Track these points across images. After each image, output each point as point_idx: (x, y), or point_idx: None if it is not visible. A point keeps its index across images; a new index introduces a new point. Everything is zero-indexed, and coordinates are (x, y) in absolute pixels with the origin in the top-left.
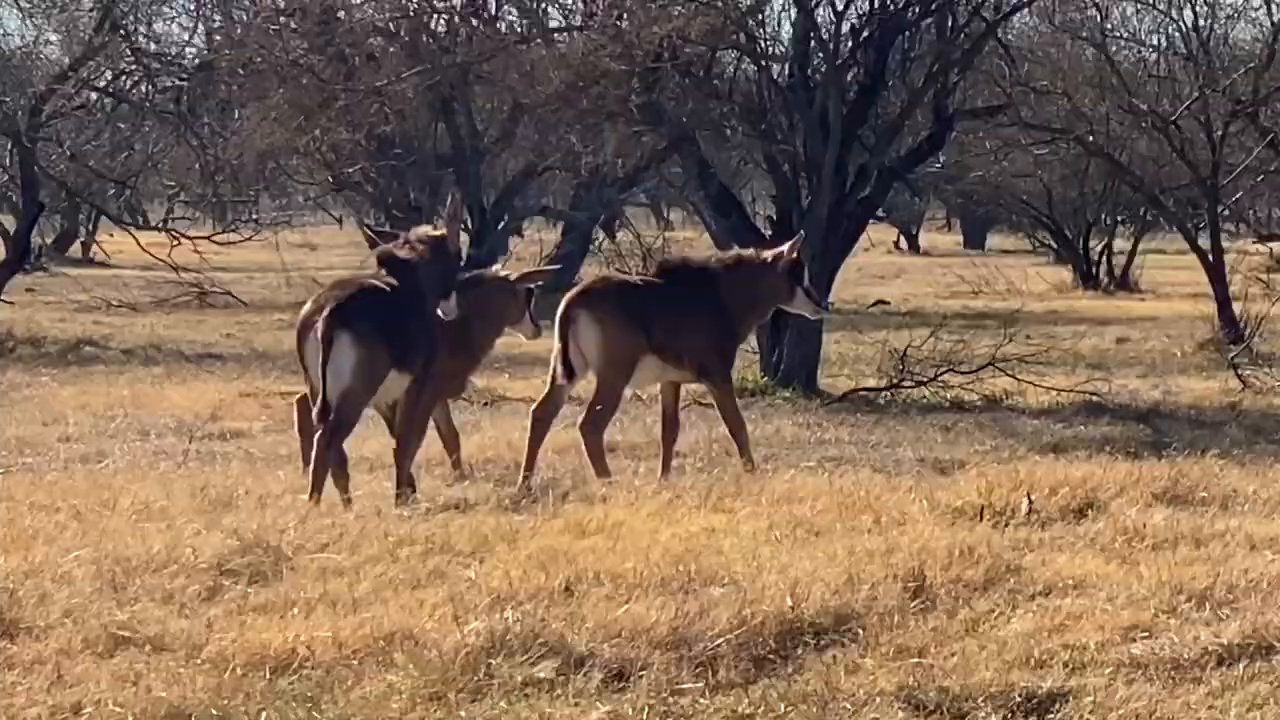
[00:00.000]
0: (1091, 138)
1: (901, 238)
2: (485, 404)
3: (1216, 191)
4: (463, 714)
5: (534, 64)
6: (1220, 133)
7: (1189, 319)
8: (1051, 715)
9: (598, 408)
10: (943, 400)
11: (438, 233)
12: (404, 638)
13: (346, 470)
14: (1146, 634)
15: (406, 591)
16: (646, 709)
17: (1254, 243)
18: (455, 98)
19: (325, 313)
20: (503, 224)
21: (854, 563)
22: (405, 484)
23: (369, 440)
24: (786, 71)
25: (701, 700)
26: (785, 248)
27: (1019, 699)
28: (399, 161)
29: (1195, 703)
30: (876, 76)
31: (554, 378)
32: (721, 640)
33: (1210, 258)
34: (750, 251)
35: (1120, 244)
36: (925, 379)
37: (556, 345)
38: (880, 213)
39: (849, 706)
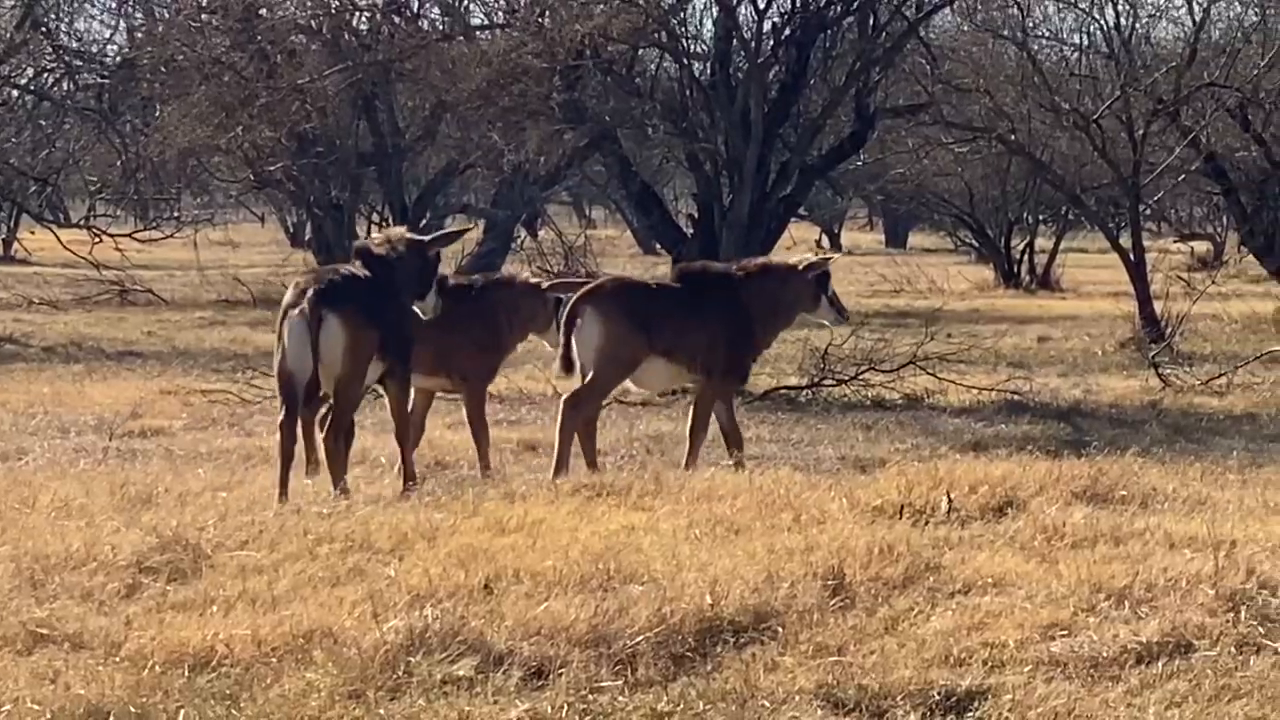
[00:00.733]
0: (1013, 136)
1: (823, 236)
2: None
3: (1138, 190)
4: (381, 712)
5: (456, 61)
6: (1142, 132)
7: (1110, 318)
8: (970, 713)
9: (583, 398)
10: (864, 399)
11: (416, 236)
12: (323, 635)
13: (345, 459)
14: (1065, 632)
15: (326, 589)
16: (565, 707)
17: (1175, 241)
18: (377, 95)
19: (310, 296)
20: (424, 222)
21: (773, 561)
22: (410, 477)
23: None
24: (708, 70)
25: (620, 698)
26: (816, 257)
27: (938, 697)
28: (320, 159)
29: (1114, 701)
30: (798, 75)
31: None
32: (641, 638)
33: (1131, 256)
34: (777, 259)
35: (1042, 243)
36: (846, 377)
37: (560, 341)
38: (802, 211)
39: (768, 704)
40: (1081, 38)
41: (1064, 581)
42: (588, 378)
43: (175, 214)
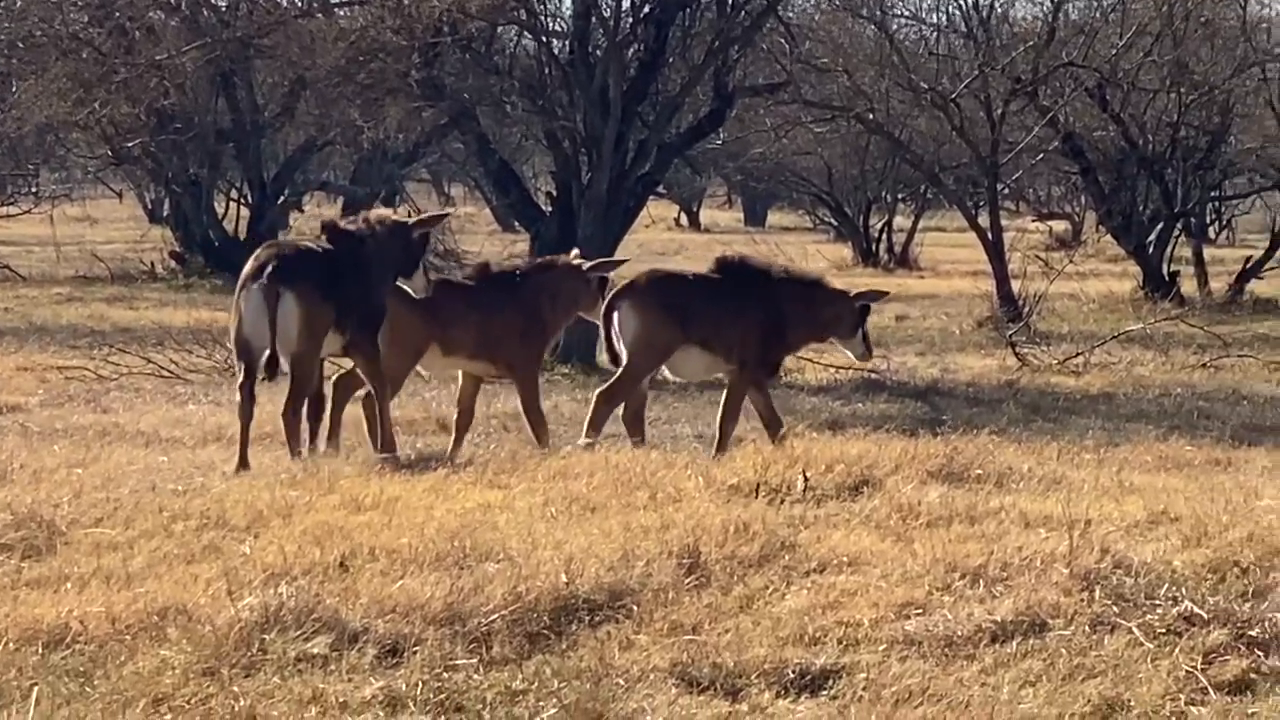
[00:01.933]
0: (872, 115)
1: (682, 214)
2: (262, 379)
3: (996, 169)
4: (236, 689)
5: (314, 38)
6: (1000, 111)
7: (968, 297)
8: (825, 692)
9: (616, 390)
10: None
11: (397, 216)
12: (178, 613)
13: (299, 431)
14: (920, 611)
15: (181, 566)
16: (420, 685)
17: (1033, 221)
18: (235, 72)
19: (268, 271)
20: (283, 198)
21: (629, 539)
22: (388, 446)
23: (145, 415)
24: (567, 47)
25: (475, 676)
26: (869, 289)
27: (793, 675)
28: (179, 136)
29: (968, 679)
30: (657, 53)
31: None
32: (496, 616)
33: (989, 235)
34: (831, 279)
35: (900, 221)
36: None
37: (603, 334)
38: (661, 189)
39: (622, 683)
40: (940, 17)
41: (919, 560)
42: (621, 369)
43: (33, 190)
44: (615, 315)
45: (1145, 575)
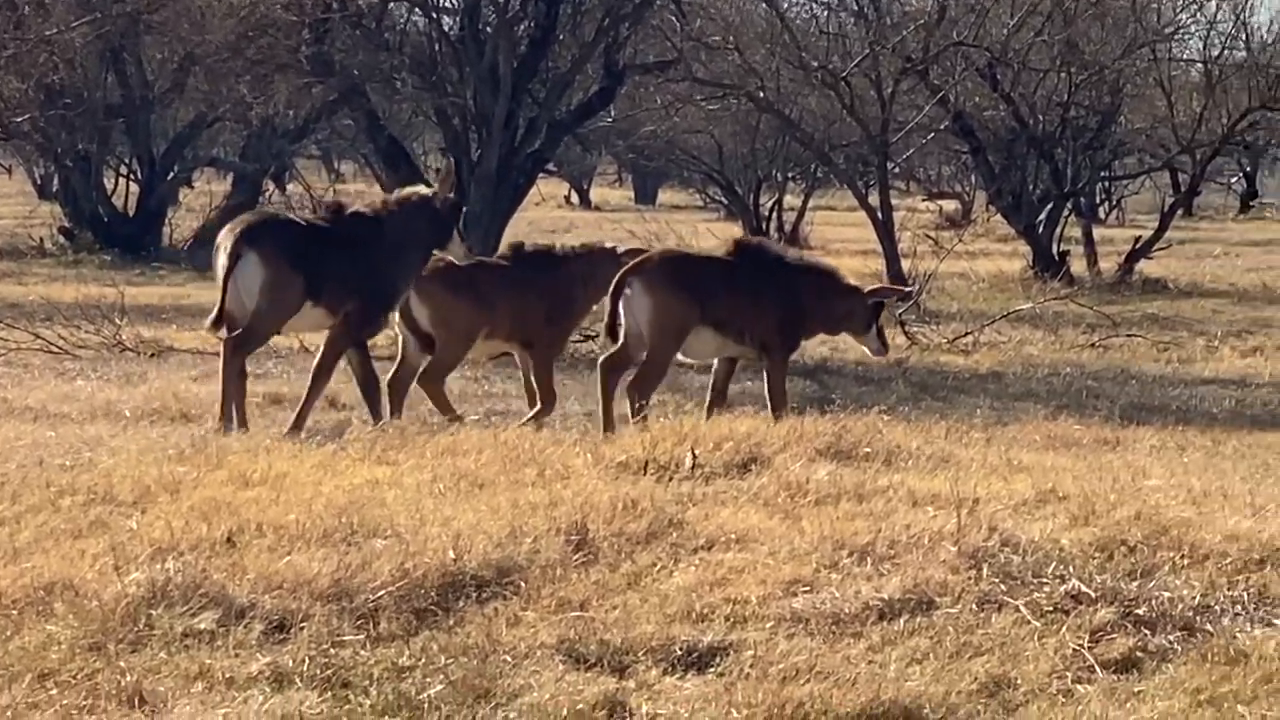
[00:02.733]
0: (762, 94)
1: (572, 192)
2: (151, 355)
3: (886, 149)
4: (122, 664)
5: (204, 13)
6: (890, 90)
7: (858, 276)
8: (712, 669)
9: (646, 372)
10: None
11: (424, 191)
12: (64, 588)
13: (244, 387)
14: (808, 588)
15: (68, 541)
16: (307, 661)
17: (923, 200)
18: (125, 47)
19: (234, 233)
20: (172, 174)
21: (517, 516)
22: (302, 425)
23: (33, 391)
24: (457, 24)
25: (362, 652)
26: (884, 286)
27: (680, 652)
28: (68, 111)
29: (855, 657)
30: (547, 30)
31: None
32: (383, 592)
33: (880, 215)
34: (845, 274)
35: (791, 200)
36: (594, 334)
37: (608, 310)
38: (550, 167)
39: (510, 659)
40: None
41: (807, 538)
42: (646, 354)
43: None
44: (626, 293)
45: (1033, 554)
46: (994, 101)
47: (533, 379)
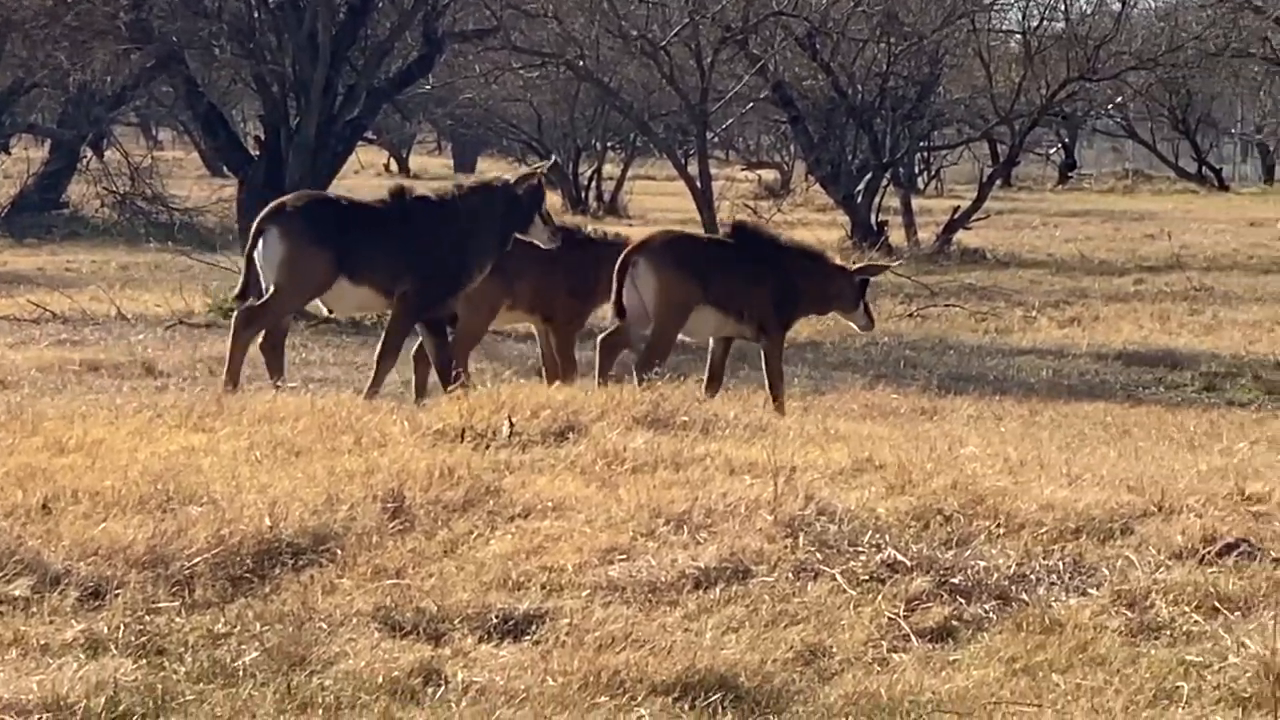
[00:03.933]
0: (582, 62)
1: (391, 160)
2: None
3: (705, 118)
4: None
5: None
6: (710, 60)
7: None
8: (528, 636)
9: (651, 350)
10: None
11: (504, 176)
12: None
13: (281, 363)
14: (624, 556)
15: None
16: (122, 628)
17: (743, 170)
18: None
19: (265, 211)
20: None
21: (334, 483)
22: (376, 392)
23: None
24: None
25: (178, 619)
26: (870, 264)
27: (496, 620)
28: None
29: (671, 625)
30: None
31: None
32: (199, 559)
33: (698, 184)
34: (832, 255)
35: (610, 169)
36: None
37: (614, 288)
38: (370, 134)
39: (325, 626)
40: None
41: (624, 506)
42: (650, 332)
43: None
44: (630, 271)
45: (849, 522)
46: (813, 71)
47: (554, 351)
